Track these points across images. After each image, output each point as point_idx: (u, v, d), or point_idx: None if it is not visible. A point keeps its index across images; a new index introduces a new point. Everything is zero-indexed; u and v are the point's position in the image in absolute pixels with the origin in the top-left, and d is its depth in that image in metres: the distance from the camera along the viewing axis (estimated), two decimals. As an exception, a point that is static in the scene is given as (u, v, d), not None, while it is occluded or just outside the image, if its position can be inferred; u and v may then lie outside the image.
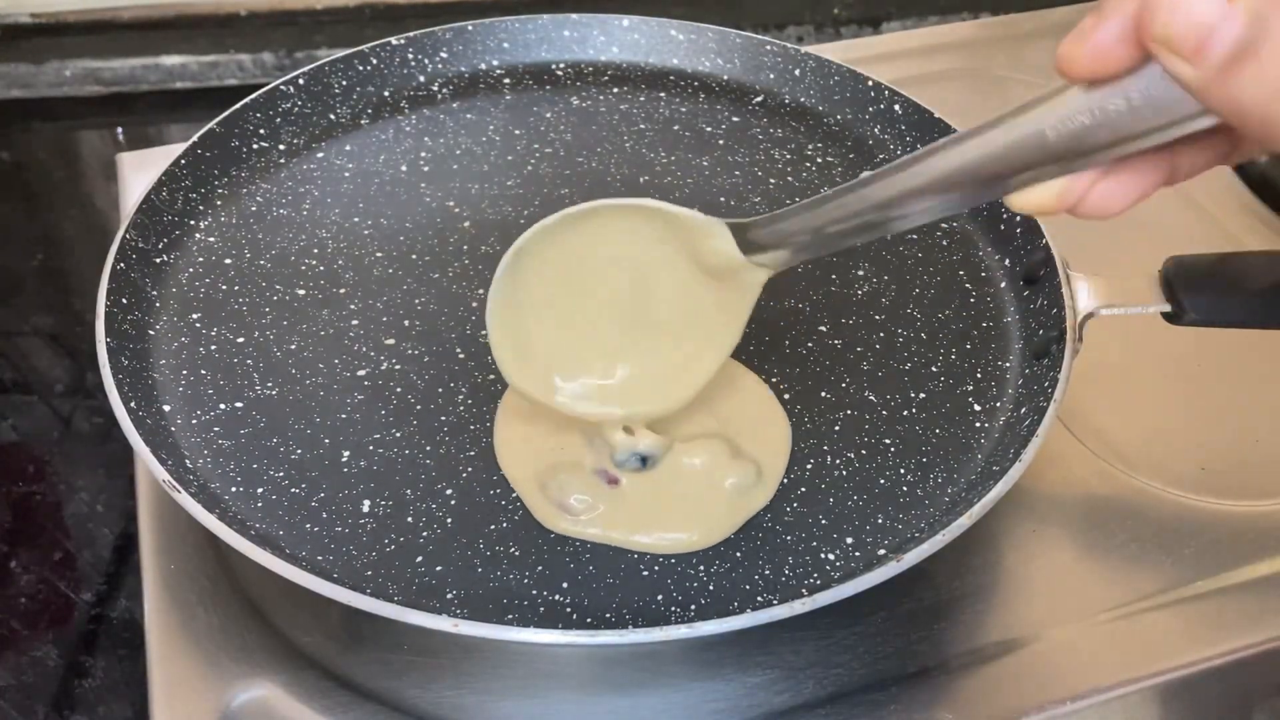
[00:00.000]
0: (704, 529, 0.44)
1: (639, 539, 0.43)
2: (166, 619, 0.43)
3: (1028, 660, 0.44)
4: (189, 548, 0.45)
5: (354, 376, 0.49)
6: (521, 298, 0.42)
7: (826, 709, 0.42)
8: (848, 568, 0.43)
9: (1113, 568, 0.47)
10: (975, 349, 0.52)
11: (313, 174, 0.59)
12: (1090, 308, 0.48)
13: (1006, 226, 0.56)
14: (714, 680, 0.42)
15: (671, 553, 0.43)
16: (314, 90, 0.62)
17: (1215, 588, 0.46)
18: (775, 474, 0.46)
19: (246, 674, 0.42)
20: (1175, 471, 0.50)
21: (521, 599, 0.41)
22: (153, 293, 0.52)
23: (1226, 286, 0.46)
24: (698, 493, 0.44)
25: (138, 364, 0.48)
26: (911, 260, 0.56)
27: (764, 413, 0.49)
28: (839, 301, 0.54)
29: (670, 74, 0.67)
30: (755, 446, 0.47)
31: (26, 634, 0.50)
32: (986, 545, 0.47)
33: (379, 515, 0.44)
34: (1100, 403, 0.53)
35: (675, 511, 0.44)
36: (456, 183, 0.59)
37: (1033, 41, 0.78)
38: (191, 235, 0.55)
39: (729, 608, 0.41)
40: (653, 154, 0.62)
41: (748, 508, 0.45)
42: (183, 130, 0.76)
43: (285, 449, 0.46)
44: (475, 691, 0.42)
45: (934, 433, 0.48)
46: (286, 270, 0.54)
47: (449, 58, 0.66)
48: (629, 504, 0.44)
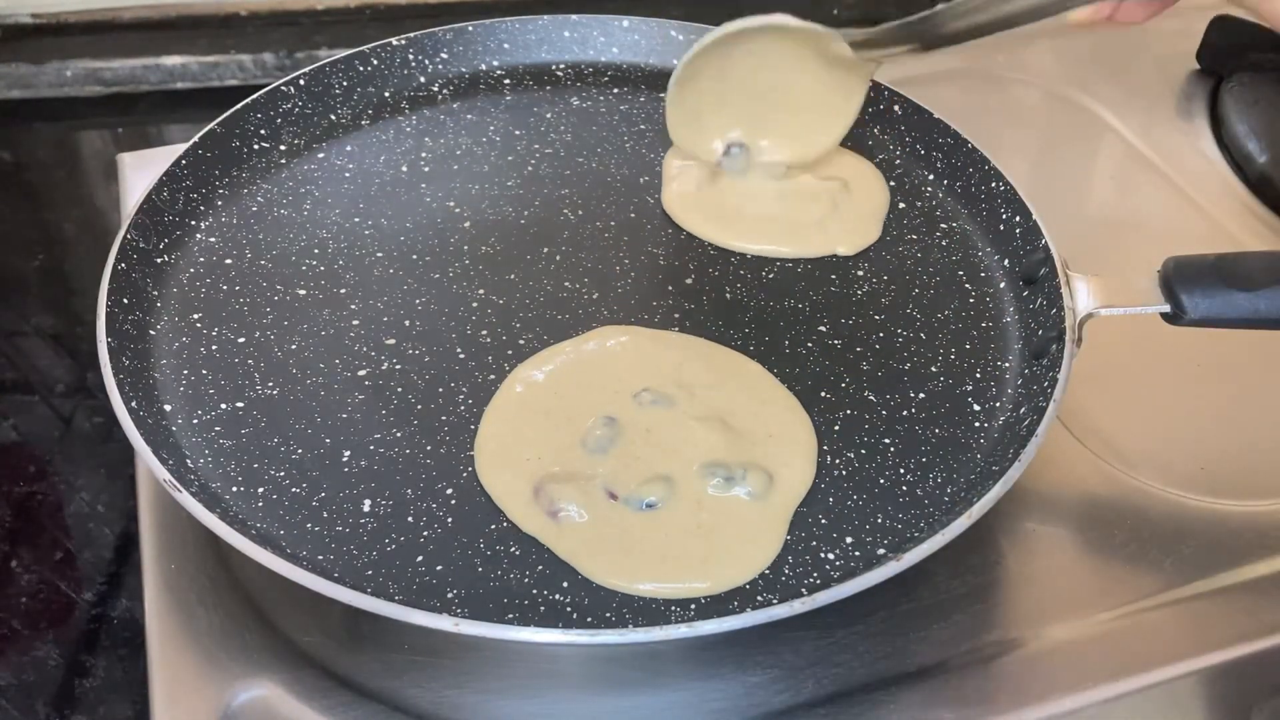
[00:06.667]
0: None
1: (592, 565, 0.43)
2: (167, 619, 0.43)
3: (1028, 660, 0.44)
4: (190, 547, 0.45)
5: (354, 376, 0.49)
6: (694, 89, 0.56)
7: (826, 709, 0.42)
8: (847, 567, 0.43)
9: (1113, 568, 0.47)
10: (975, 349, 0.52)
11: (313, 174, 0.59)
12: (1089, 308, 0.48)
13: (1006, 227, 0.56)
14: (714, 680, 0.42)
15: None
16: (315, 91, 0.62)
17: (1215, 588, 0.46)
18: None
19: (246, 674, 0.42)
20: (1175, 471, 0.50)
21: (522, 598, 0.41)
22: (154, 293, 0.52)
23: (1226, 286, 0.46)
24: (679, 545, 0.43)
25: (139, 364, 0.48)
26: (911, 260, 0.56)
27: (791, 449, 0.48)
28: (839, 301, 0.54)
29: (670, 74, 0.67)
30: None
31: (27, 633, 0.50)
32: (986, 545, 0.47)
33: (379, 515, 0.44)
34: (1100, 403, 0.53)
35: (642, 555, 0.43)
36: (457, 183, 0.59)
37: (1033, 41, 0.78)
38: (192, 235, 0.55)
39: (729, 607, 0.41)
40: (653, 154, 0.62)
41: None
42: (183, 130, 0.76)
43: (286, 449, 0.46)
44: (475, 691, 0.42)
45: (934, 433, 0.48)
46: (287, 270, 0.54)
47: (449, 58, 0.66)
48: (606, 532, 0.44)
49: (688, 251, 0.56)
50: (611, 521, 0.44)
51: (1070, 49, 0.77)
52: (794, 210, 0.58)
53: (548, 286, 0.54)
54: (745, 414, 0.48)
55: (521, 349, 0.51)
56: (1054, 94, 0.73)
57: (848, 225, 0.58)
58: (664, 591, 0.42)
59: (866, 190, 0.60)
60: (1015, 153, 0.68)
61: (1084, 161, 0.69)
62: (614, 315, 0.53)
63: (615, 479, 0.45)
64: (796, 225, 0.57)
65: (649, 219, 0.58)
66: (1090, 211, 0.65)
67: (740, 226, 0.57)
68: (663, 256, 0.56)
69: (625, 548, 0.43)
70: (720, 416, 0.47)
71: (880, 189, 0.60)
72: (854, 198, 0.59)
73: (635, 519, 0.44)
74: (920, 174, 0.61)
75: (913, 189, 0.60)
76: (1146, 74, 0.75)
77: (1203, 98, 0.73)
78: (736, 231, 0.57)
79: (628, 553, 0.43)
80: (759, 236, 0.57)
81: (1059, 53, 0.77)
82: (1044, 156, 0.69)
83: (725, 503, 0.44)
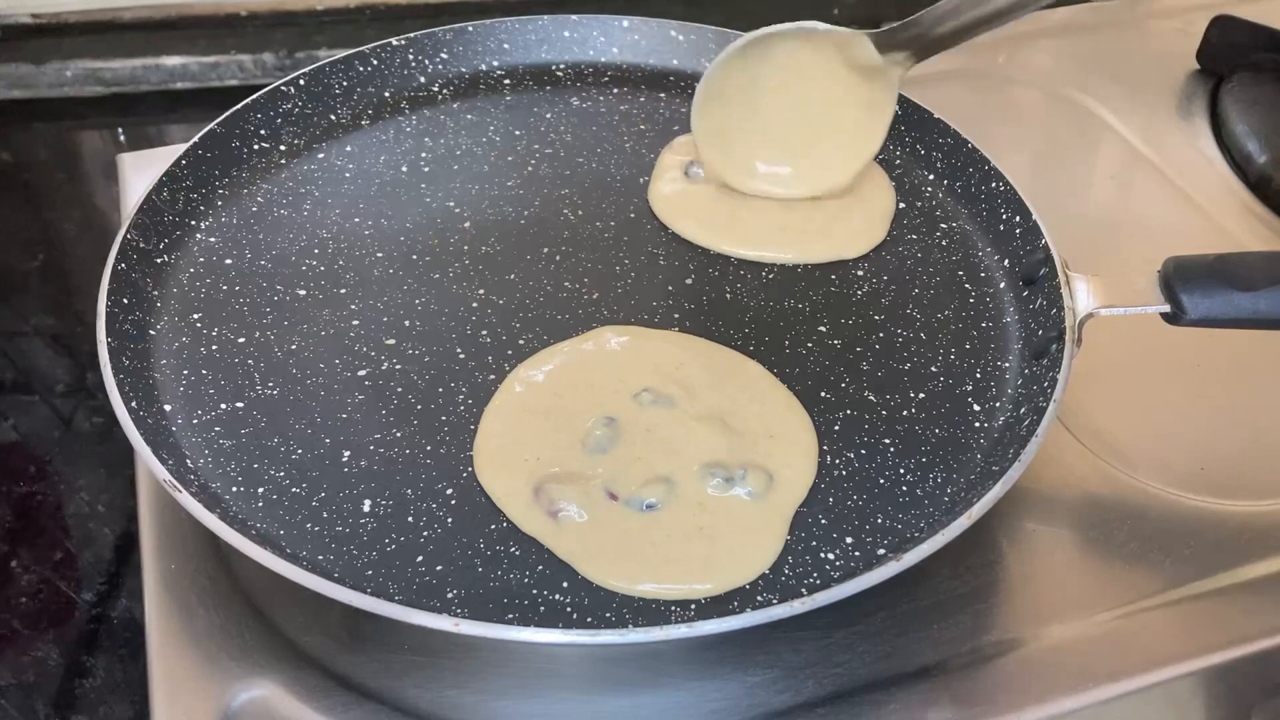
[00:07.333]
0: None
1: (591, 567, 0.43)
2: (167, 619, 0.43)
3: (1028, 660, 0.44)
4: (189, 547, 0.45)
5: (354, 376, 0.49)
6: (721, 110, 0.57)
7: (826, 709, 0.42)
8: (847, 567, 0.43)
9: (1113, 568, 0.47)
10: (975, 349, 0.52)
11: (313, 174, 0.59)
12: (1089, 308, 0.48)
13: (1006, 227, 0.56)
14: (714, 680, 0.42)
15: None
16: (314, 91, 0.62)
17: (1215, 588, 0.46)
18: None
19: (246, 674, 0.42)
20: (1175, 471, 0.50)
21: (522, 598, 0.41)
22: (154, 293, 0.52)
23: (1226, 287, 0.46)
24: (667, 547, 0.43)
25: (138, 364, 0.48)
26: (911, 260, 0.56)
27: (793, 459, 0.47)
28: (839, 301, 0.54)
29: (670, 74, 0.67)
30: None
31: (27, 634, 0.50)
32: (986, 545, 0.47)
33: (379, 515, 0.44)
34: (1100, 403, 0.53)
35: (639, 556, 0.43)
36: (456, 183, 0.59)
37: (1033, 41, 0.78)
38: (192, 235, 0.55)
39: (729, 607, 0.41)
40: (652, 154, 0.62)
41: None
42: (183, 130, 0.76)
43: (286, 449, 0.46)
44: (475, 691, 0.42)
45: (933, 433, 0.48)
46: (287, 270, 0.54)
47: (449, 58, 0.66)
48: (606, 533, 0.44)
49: (688, 251, 0.56)
50: (612, 522, 0.44)
51: (1070, 49, 0.77)
52: (798, 217, 0.57)
53: (548, 286, 0.54)
54: (745, 414, 0.48)
55: (521, 349, 0.51)
56: (1054, 94, 0.73)
57: (855, 229, 0.57)
58: (665, 593, 0.42)
59: (873, 193, 0.59)
60: (1015, 153, 0.68)
61: (1084, 161, 0.69)
62: (614, 315, 0.53)
63: (615, 479, 0.45)
64: (802, 233, 0.57)
65: (649, 219, 0.58)
66: (1090, 211, 0.65)
67: (740, 233, 0.57)
68: (663, 256, 0.56)
69: (625, 549, 0.43)
70: (720, 416, 0.47)
71: (886, 191, 0.59)
72: (860, 201, 0.58)
73: (635, 520, 0.44)
74: (920, 174, 0.61)
75: (913, 189, 0.60)
76: (1146, 74, 0.75)
77: (1203, 98, 0.73)
78: (736, 238, 0.57)
79: (628, 554, 0.43)
80: (761, 244, 0.56)
81: (1059, 53, 0.77)
82: (1044, 156, 0.69)
83: (725, 503, 0.44)
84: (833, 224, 0.57)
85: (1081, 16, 0.81)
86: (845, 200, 0.58)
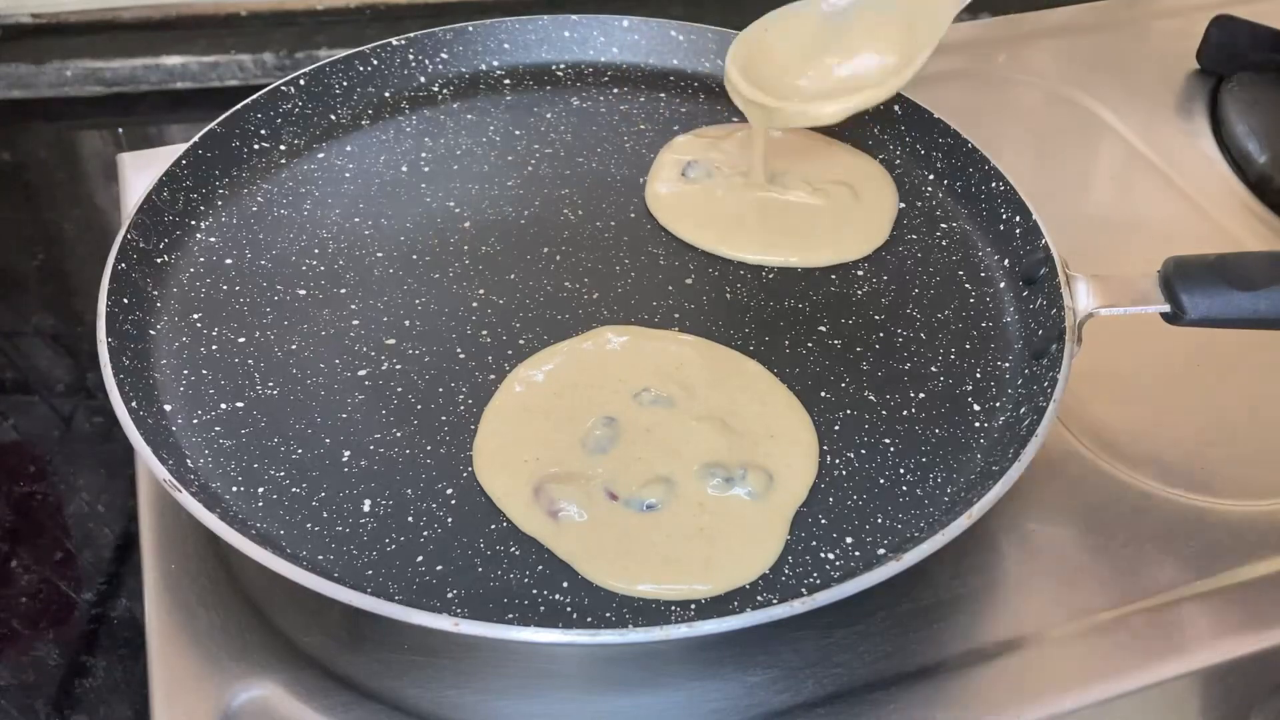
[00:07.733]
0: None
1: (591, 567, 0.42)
2: (167, 619, 0.43)
3: (1028, 660, 0.44)
4: (189, 547, 0.45)
5: (354, 376, 0.49)
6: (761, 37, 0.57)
7: (826, 709, 0.42)
8: (847, 567, 0.43)
9: (1113, 568, 0.47)
10: (975, 349, 0.52)
11: (313, 174, 0.59)
12: (1089, 308, 0.48)
13: (1006, 226, 0.56)
14: (714, 680, 0.42)
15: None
16: (315, 91, 0.62)
17: (1215, 588, 0.46)
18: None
19: (246, 674, 0.42)
20: (1175, 471, 0.50)
21: (522, 598, 0.41)
22: (154, 293, 0.52)
23: (1226, 286, 0.46)
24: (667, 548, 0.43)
25: (139, 364, 0.48)
26: (911, 260, 0.56)
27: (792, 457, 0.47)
28: (839, 301, 0.54)
29: (670, 74, 0.67)
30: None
31: (27, 634, 0.50)
32: (986, 545, 0.47)
33: (379, 515, 0.44)
34: (1100, 403, 0.53)
35: (638, 555, 0.43)
36: (457, 183, 0.59)
37: (1033, 41, 0.78)
38: (192, 235, 0.55)
39: (729, 607, 0.41)
40: (653, 154, 0.62)
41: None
42: (183, 130, 0.76)
43: (286, 449, 0.46)
44: (475, 691, 0.42)
45: (934, 433, 0.48)
46: (287, 270, 0.54)
47: (449, 58, 0.66)
48: (606, 533, 0.44)
49: (688, 251, 0.56)
50: (612, 522, 0.44)
51: (1070, 49, 0.77)
52: (799, 220, 0.57)
53: (548, 286, 0.54)
54: (745, 414, 0.48)
55: (521, 349, 0.51)
56: (1054, 94, 0.73)
57: (858, 231, 0.57)
58: (665, 593, 0.42)
59: (876, 194, 0.59)
60: (1015, 153, 0.68)
61: (1084, 161, 0.69)
62: (614, 315, 0.53)
63: (615, 479, 0.45)
64: (806, 237, 0.57)
65: (649, 219, 0.58)
66: (1090, 211, 0.65)
67: (742, 236, 0.57)
68: (663, 257, 0.56)
69: (625, 549, 0.43)
70: (720, 416, 0.47)
71: (890, 192, 0.59)
72: (864, 202, 0.58)
73: (635, 520, 0.44)
74: (920, 174, 0.61)
75: (913, 189, 0.60)
76: (1146, 74, 0.75)
77: (1203, 98, 0.73)
78: (738, 241, 0.56)
79: (628, 554, 0.43)
80: (764, 248, 0.56)
81: (1059, 53, 0.77)
82: (1044, 156, 0.69)
83: (725, 503, 0.44)
84: (835, 227, 0.57)
85: (1081, 16, 0.81)
86: (847, 201, 0.58)
